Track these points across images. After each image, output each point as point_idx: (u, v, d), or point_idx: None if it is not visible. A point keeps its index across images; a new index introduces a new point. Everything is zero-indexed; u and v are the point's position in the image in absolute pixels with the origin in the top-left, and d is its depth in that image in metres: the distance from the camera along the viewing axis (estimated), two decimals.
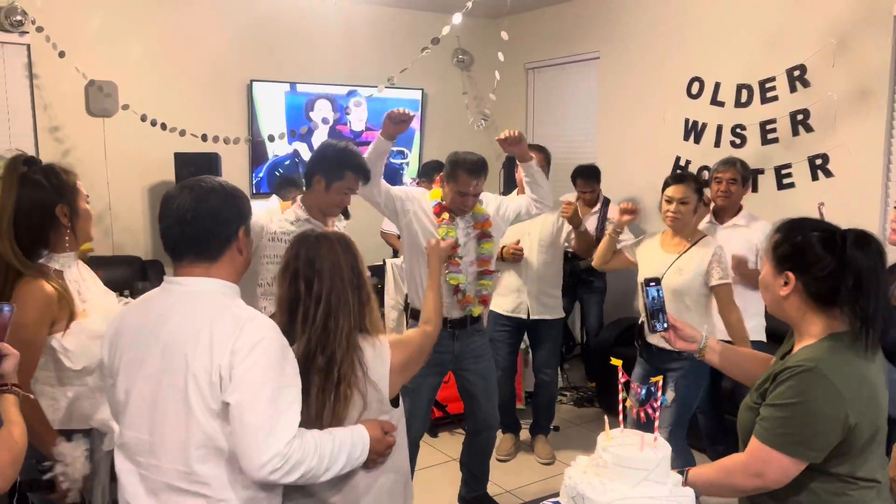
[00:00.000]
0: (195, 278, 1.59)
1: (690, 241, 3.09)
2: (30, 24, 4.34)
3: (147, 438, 1.54)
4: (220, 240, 1.60)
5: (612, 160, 5.37)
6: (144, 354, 1.56)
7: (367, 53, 5.58)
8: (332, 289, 1.77)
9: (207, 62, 5.04)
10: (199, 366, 1.48)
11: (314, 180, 2.60)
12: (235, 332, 1.49)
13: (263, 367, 1.49)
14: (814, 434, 1.53)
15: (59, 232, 1.94)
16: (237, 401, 1.46)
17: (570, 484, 1.56)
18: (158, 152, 4.67)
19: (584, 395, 4.98)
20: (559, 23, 5.71)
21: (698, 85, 4.64)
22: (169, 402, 1.51)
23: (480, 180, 2.94)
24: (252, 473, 1.47)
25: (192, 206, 1.56)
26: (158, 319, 1.57)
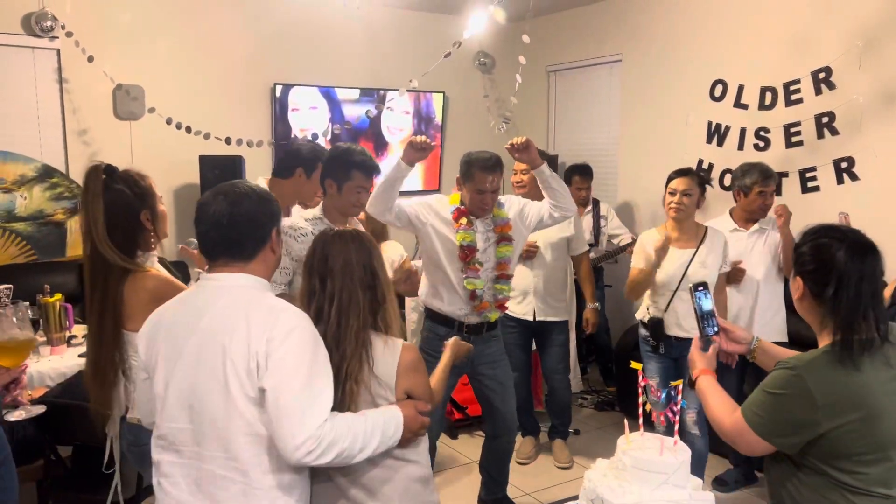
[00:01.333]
0: (229, 273, 1.67)
1: (699, 234, 3.22)
2: (59, 30, 4.42)
3: (188, 427, 1.61)
4: (255, 241, 1.69)
5: (635, 163, 5.35)
6: (182, 347, 1.63)
7: (389, 57, 5.61)
8: (342, 287, 1.81)
9: (232, 66, 5.10)
10: (237, 354, 1.55)
11: (326, 185, 2.68)
12: (271, 321, 1.57)
13: (297, 353, 1.57)
14: (782, 426, 1.60)
15: (146, 235, 2.10)
16: (272, 386, 1.53)
17: (589, 487, 1.57)
18: (184, 155, 4.74)
19: (605, 398, 4.96)
20: (581, 25, 5.70)
21: (721, 87, 4.61)
22: (209, 391, 1.58)
23: (497, 176, 2.95)
24: (288, 456, 1.53)
25: (227, 211, 1.65)
26: (194, 313, 1.65)
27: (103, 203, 1.98)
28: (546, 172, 3.07)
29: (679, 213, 3.21)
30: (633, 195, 5.41)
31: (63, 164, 4.64)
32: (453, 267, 3.02)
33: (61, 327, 3.36)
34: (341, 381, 1.75)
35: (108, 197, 2.00)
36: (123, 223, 2.03)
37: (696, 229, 3.28)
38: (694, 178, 3.24)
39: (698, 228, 3.29)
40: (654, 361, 3.35)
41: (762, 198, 3.48)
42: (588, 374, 5.28)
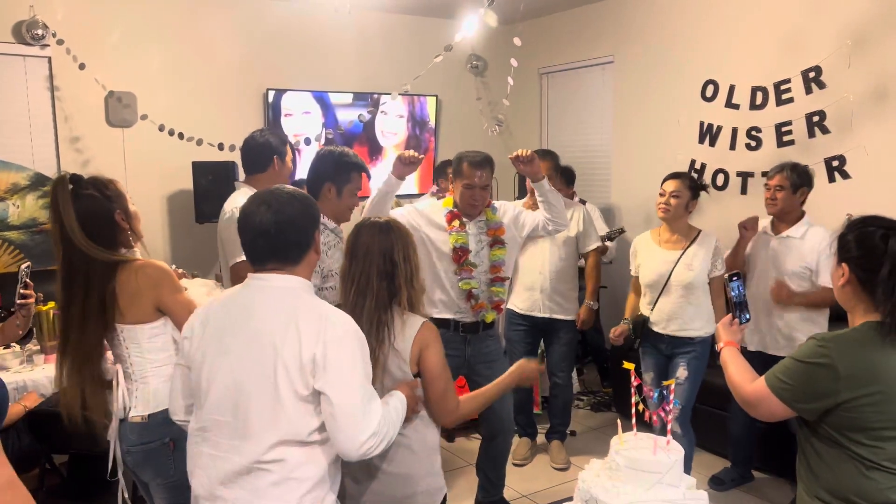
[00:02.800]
0: (276, 275, 1.73)
1: (689, 237, 3.27)
2: (51, 38, 4.42)
3: (230, 420, 1.65)
4: (301, 246, 1.75)
5: (628, 164, 5.37)
6: (230, 345, 1.68)
7: (381, 61, 5.62)
8: (361, 272, 1.99)
9: (224, 72, 5.10)
10: (288, 354, 1.61)
11: (323, 190, 2.65)
12: (323, 324, 1.63)
13: (352, 356, 1.64)
14: (804, 393, 1.70)
15: (124, 234, 2.16)
16: (333, 387, 1.60)
17: (583, 487, 1.57)
18: (176, 161, 4.74)
19: (601, 399, 4.97)
20: (573, 27, 5.72)
21: (713, 88, 4.62)
22: (256, 387, 1.63)
23: (485, 172, 2.99)
24: (351, 453, 1.62)
25: (272, 219, 1.70)
26: (243, 312, 1.70)
27: (75, 211, 2.03)
28: (545, 187, 3.09)
29: (665, 213, 3.29)
30: (625, 196, 5.43)
31: (55, 172, 4.63)
32: (447, 271, 3.04)
33: (55, 335, 3.35)
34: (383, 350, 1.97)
35: (80, 204, 2.05)
36: (101, 225, 2.08)
37: (688, 232, 3.32)
38: (685, 182, 3.29)
39: (690, 231, 3.33)
40: (647, 357, 3.43)
41: (766, 191, 3.47)
42: (584, 375, 5.29)
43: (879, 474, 1.66)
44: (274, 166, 3.09)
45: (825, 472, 1.74)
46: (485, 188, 3.03)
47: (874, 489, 1.66)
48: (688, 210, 3.29)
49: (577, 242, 3.92)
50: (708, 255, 3.25)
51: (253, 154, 3.13)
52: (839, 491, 1.71)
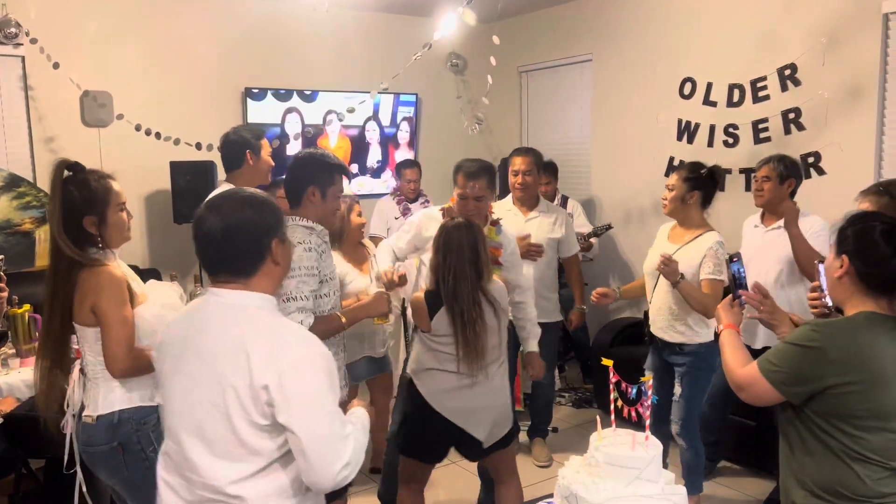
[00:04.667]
0: (233, 291, 1.59)
1: (693, 234, 3.14)
2: (24, 36, 4.35)
3: (181, 450, 1.56)
4: (254, 256, 1.60)
5: (607, 161, 5.40)
6: (181, 366, 1.59)
7: (360, 59, 5.60)
8: (457, 262, 2.53)
9: (201, 71, 5.05)
10: (239, 382, 1.49)
11: (307, 193, 2.51)
12: (279, 349, 1.51)
13: (315, 381, 1.52)
14: (793, 376, 1.73)
15: (92, 239, 2.10)
16: (299, 422, 1.48)
17: (563, 484, 1.58)
18: (154, 161, 4.68)
19: (583, 396, 4.99)
20: (552, 26, 5.74)
21: (690, 85, 4.66)
22: (208, 415, 1.52)
23: (479, 182, 2.95)
24: (325, 484, 1.52)
25: (221, 226, 1.56)
26: (196, 330, 1.60)
27: (60, 200, 2.03)
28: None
29: (663, 207, 3.22)
30: (605, 192, 5.45)
31: (30, 173, 4.57)
32: None
33: (30, 338, 3.31)
34: (465, 324, 2.52)
35: (61, 195, 2.04)
36: (70, 222, 2.06)
37: (696, 228, 3.14)
38: (681, 174, 3.15)
39: (699, 228, 3.14)
40: (651, 358, 3.34)
41: (754, 182, 3.46)
42: (566, 372, 5.31)
43: (863, 465, 1.68)
44: (248, 161, 3.13)
45: (809, 462, 1.76)
46: (479, 199, 2.96)
47: (858, 480, 1.69)
48: (686, 203, 3.11)
49: (559, 246, 3.93)
50: (700, 254, 3.06)
51: (228, 151, 3.19)
52: (824, 481, 1.73)
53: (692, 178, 3.12)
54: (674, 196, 3.13)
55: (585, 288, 5.11)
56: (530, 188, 3.89)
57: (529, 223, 3.87)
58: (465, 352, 2.53)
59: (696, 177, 3.12)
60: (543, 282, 3.89)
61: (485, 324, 2.56)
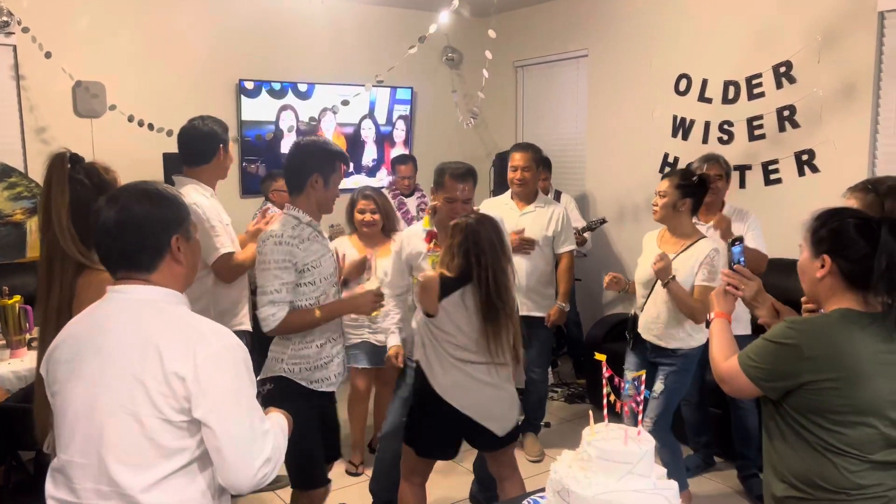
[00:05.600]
0: (137, 286, 1.53)
1: (688, 241, 3.13)
2: (16, 25, 4.31)
3: (88, 462, 1.45)
4: (151, 252, 1.53)
5: (602, 157, 5.39)
6: (79, 368, 1.49)
7: (355, 52, 5.57)
8: (496, 258, 2.53)
9: (195, 62, 5.02)
10: (149, 378, 1.41)
11: (310, 181, 2.52)
12: (193, 342, 1.45)
13: (233, 375, 1.47)
14: (769, 372, 1.76)
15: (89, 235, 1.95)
16: (216, 417, 1.43)
17: (555, 478, 1.58)
18: (147, 153, 4.65)
19: (575, 391, 5.00)
20: (548, 21, 5.73)
21: (686, 82, 4.66)
22: (114, 419, 1.43)
23: (468, 185, 2.93)
24: (243, 485, 1.47)
25: (115, 219, 1.50)
26: (97, 329, 1.51)
27: (69, 192, 1.92)
28: None
29: (654, 213, 3.18)
30: (599, 188, 5.46)
31: (22, 164, 4.53)
32: None
33: (21, 329, 3.28)
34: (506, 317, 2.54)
35: (73, 188, 1.94)
36: (82, 216, 1.92)
37: (690, 235, 3.14)
38: (672, 181, 3.12)
39: (692, 234, 3.14)
40: (632, 357, 3.32)
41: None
42: (559, 368, 5.31)
43: (841, 458, 1.70)
44: (219, 156, 2.97)
45: (789, 454, 1.77)
46: (467, 202, 2.96)
47: (837, 473, 1.70)
48: (677, 209, 3.09)
49: (553, 242, 3.92)
50: (697, 263, 3.04)
51: (197, 144, 2.96)
52: (804, 474, 1.74)
53: (684, 185, 3.11)
54: (665, 203, 3.12)
55: (581, 284, 5.14)
56: (529, 184, 3.89)
57: (524, 217, 3.87)
58: (495, 344, 2.53)
59: (687, 184, 3.11)
60: (537, 277, 3.89)
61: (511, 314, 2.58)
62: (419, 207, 5.01)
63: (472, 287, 2.54)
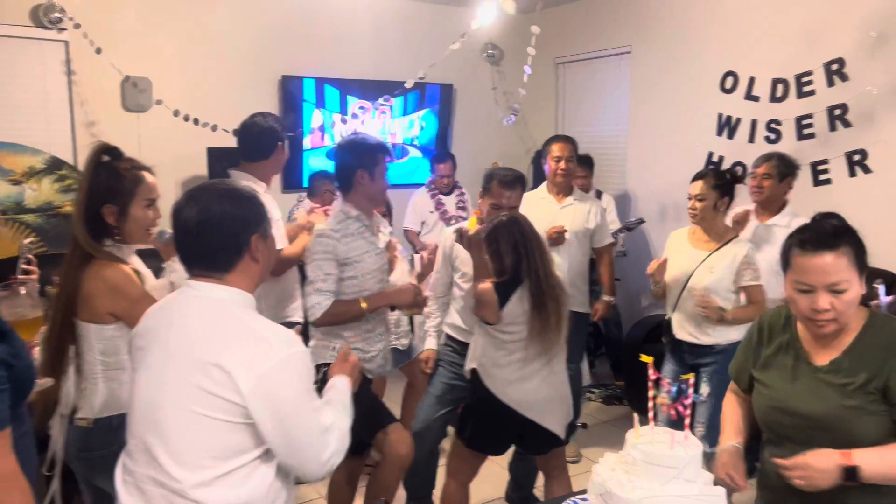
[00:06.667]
0: (209, 284, 1.55)
1: (721, 239, 3.11)
2: (67, 22, 4.41)
3: (142, 448, 1.50)
4: (229, 252, 1.54)
5: (644, 156, 5.32)
6: (148, 356, 1.54)
7: (397, 48, 5.58)
8: (539, 256, 2.57)
9: (239, 57, 5.09)
10: (210, 381, 1.43)
11: (356, 177, 2.63)
12: (262, 348, 1.46)
13: (297, 378, 1.50)
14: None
15: (108, 229, 1.98)
16: (285, 421, 1.46)
17: (597, 481, 1.56)
18: (191, 147, 4.73)
19: (613, 392, 4.94)
20: (590, 17, 5.66)
21: (732, 79, 4.56)
22: (170, 412, 1.46)
23: (515, 193, 2.93)
24: (316, 475, 1.55)
25: (196, 218, 1.52)
26: (166, 321, 1.56)
27: (88, 184, 1.95)
28: None
29: (693, 217, 3.18)
30: (641, 186, 5.38)
31: (71, 156, 4.65)
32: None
33: None
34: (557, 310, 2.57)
35: (90, 179, 1.96)
36: (90, 209, 1.95)
37: (724, 234, 3.15)
38: (709, 182, 3.13)
39: (726, 233, 3.16)
40: (668, 364, 3.28)
41: (752, 179, 3.45)
42: (596, 368, 5.26)
43: None
44: (277, 153, 3.02)
45: None
46: (513, 209, 2.95)
47: None
48: (717, 210, 3.11)
49: (592, 237, 3.88)
50: (735, 261, 3.05)
51: (256, 139, 3.00)
52: None
53: (721, 185, 3.13)
54: (705, 205, 3.12)
55: (619, 283, 5.08)
56: (570, 174, 3.87)
57: (564, 211, 3.83)
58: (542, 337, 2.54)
59: (724, 183, 3.13)
60: (575, 271, 3.85)
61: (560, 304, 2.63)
62: (458, 206, 5.00)
63: (525, 282, 2.56)
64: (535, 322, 2.54)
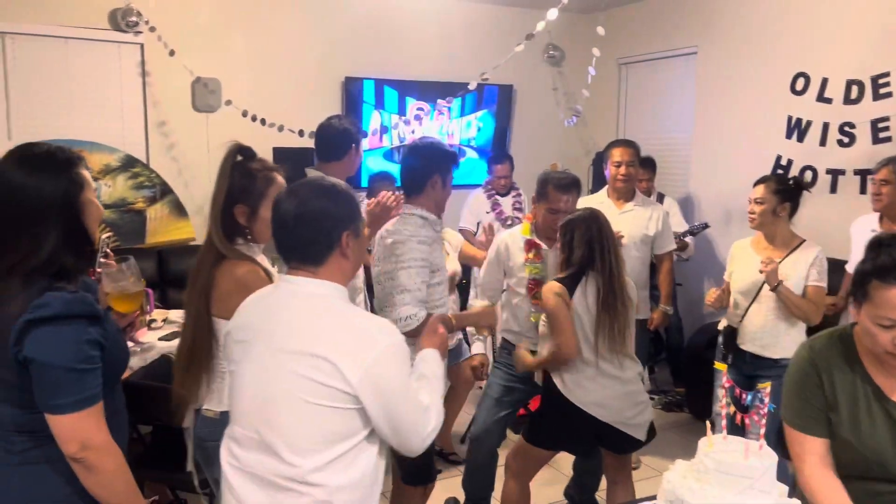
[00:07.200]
0: (305, 278, 1.59)
1: (788, 246, 3.05)
2: (143, 25, 4.58)
3: (255, 437, 1.55)
4: (323, 246, 1.59)
5: (709, 159, 5.21)
6: (250, 350, 1.59)
7: (457, 49, 5.61)
8: (615, 254, 2.59)
9: (305, 59, 5.19)
10: (317, 371, 1.48)
11: (430, 182, 2.57)
12: (366, 339, 1.52)
13: (400, 366, 1.55)
14: None
15: (240, 228, 2.03)
16: (391, 407, 1.53)
17: (668, 488, 1.53)
18: (258, 147, 4.66)
19: (673, 399, 4.86)
20: (655, 17, 5.58)
21: (803, 81, 4.43)
22: (279, 402, 1.52)
23: (571, 196, 2.90)
24: (416, 450, 1.61)
25: (294, 211, 1.57)
26: (267, 315, 1.60)
27: (226, 184, 1.99)
28: None
29: (751, 221, 3.13)
30: (705, 191, 5.27)
31: (144, 155, 4.82)
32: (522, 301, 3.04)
33: (142, 311, 3.48)
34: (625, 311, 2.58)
35: (228, 179, 2.00)
36: (224, 208, 2.00)
37: (790, 240, 3.09)
38: (769, 186, 3.07)
39: (792, 239, 3.09)
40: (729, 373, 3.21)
41: (871, 185, 3.33)
42: (656, 374, 5.18)
43: None
44: (350, 154, 3.12)
45: None
46: (570, 213, 2.92)
47: None
48: (777, 215, 3.04)
49: (653, 242, 3.83)
50: (805, 266, 3.00)
51: (331, 140, 3.13)
52: None
53: (782, 190, 3.06)
54: (764, 209, 3.06)
55: (681, 289, 4.99)
56: (632, 180, 3.82)
57: (623, 216, 3.78)
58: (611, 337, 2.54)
59: (785, 188, 3.06)
60: (636, 277, 3.79)
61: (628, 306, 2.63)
62: (514, 207, 4.99)
63: (593, 275, 2.58)
64: (603, 321, 2.53)
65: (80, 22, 4.53)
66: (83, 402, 1.48)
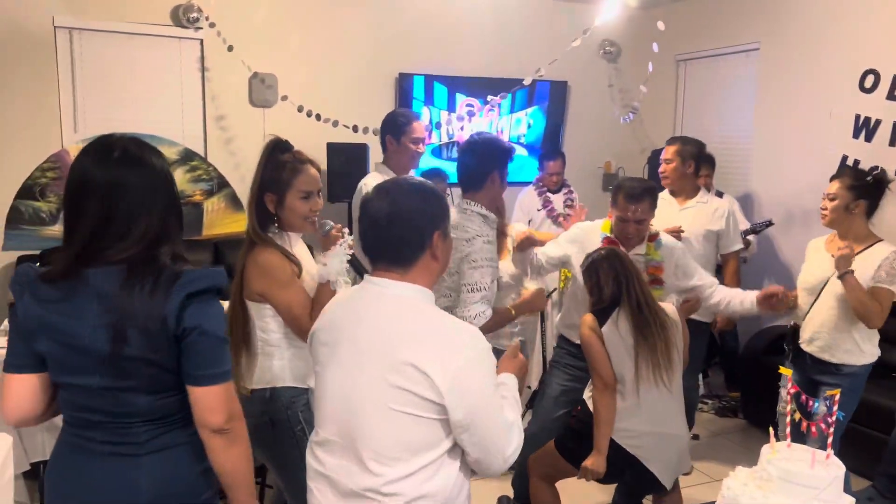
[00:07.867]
0: (392, 281, 1.56)
1: (863, 244, 2.91)
2: (204, 21, 4.68)
3: (339, 441, 1.54)
4: (414, 247, 1.56)
5: (770, 157, 5.05)
6: (336, 353, 1.58)
7: (509, 45, 5.54)
8: (640, 282, 2.58)
9: (360, 55, 5.22)
10: (404, 378, 1.46)
11: (489, 178, 2.55)
12: (453, 345, 1.49)
13: (483, 380, 1.52)
14: None
15: (271, 218, 2.14)
16: (477, 417, 1.48)
17: (729, 495, 1.49)
18: (312, 142, 4.81)
19: (727, 404, 4.74)
20: (715, 12, 5.43)
21: (873, 78, 4.25)
22: (364, 408, 1.50)
23: (641, 206, 2.82)
24: (498, 470, 1.56)
25: (386, 211, 1.54)
26: (353, 318, 1.58)
27: (259, 174, 2.12)
28: None
29: (823, 217, 2.99)
30: (765, 189, 5.11)
31: (202, 149, 4.92)
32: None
33: None
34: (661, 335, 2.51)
35: (262, 170, 2.13)
36: (258, 198, 2.13)
37: (865, 238, 2.94)
38: (844, 182, 2.93)
39: (867, 238, 2.95)
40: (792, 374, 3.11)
41: None
42: (709, 378, 5.06)
43: None
44: (388, 146, 3.33)
45: None
46: (640, 223, 2.85)
47: None
48: (850, 212, 2.90)
49: (718, 240, 3.71)
50: (874, 265, 2.86)
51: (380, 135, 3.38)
52: None
53: (857, 186, 2.90)
54: (836, 205, 2.92)
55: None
56: (669, 177, 3.72)
57: (684, 213, 3.68)
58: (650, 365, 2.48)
59: (861, 184, 2.90)
60: None
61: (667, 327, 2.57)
62: (566, 204, 4.93)
63: (624, 307, 2.54)
64: (639, 343, 2.48)
65: (144, 18, 4.66)
66: (229, 373, 1.52)
